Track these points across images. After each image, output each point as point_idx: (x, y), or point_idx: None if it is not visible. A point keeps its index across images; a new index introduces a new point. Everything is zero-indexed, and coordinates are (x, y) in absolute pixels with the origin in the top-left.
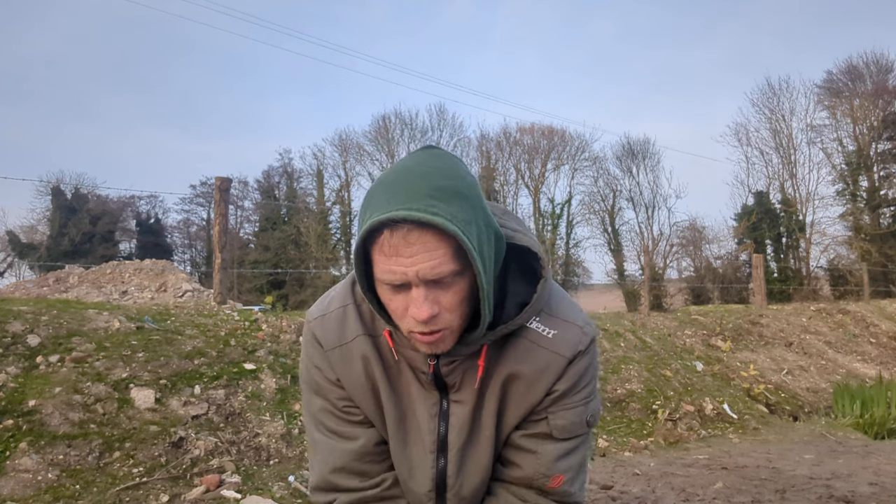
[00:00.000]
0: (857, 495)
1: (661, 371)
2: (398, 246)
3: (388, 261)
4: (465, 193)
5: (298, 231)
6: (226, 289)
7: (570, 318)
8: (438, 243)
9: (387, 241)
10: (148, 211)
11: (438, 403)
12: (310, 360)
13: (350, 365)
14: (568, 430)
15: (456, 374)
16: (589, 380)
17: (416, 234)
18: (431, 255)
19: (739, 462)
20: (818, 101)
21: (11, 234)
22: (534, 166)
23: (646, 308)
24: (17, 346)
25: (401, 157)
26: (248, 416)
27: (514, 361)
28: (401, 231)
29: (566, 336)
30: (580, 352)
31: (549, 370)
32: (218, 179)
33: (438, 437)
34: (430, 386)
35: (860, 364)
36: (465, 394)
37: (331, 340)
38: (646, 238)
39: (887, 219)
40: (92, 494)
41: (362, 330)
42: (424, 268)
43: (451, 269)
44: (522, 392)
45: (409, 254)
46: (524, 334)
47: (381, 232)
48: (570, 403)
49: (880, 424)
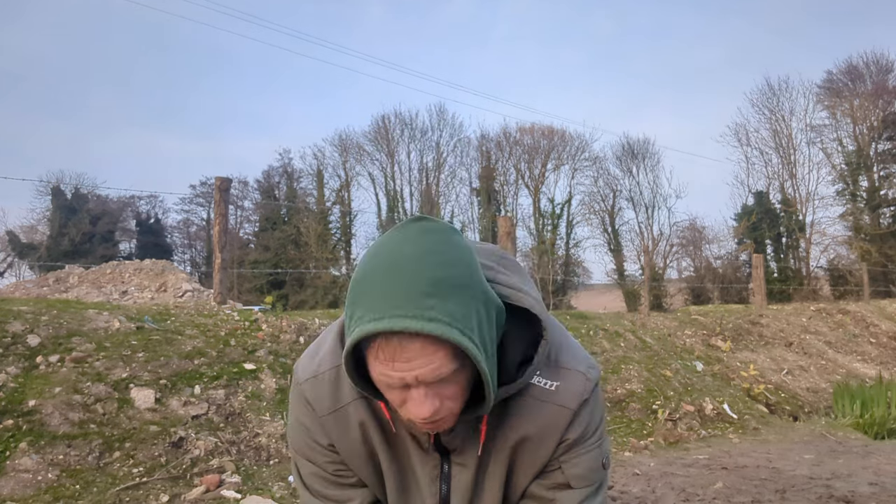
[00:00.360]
0: (857, 495)
1: (661, 371)
2: (394, 352)
3: (385, 367)
4: (464, 282)
5: (298, 231)
6: (226, 289)
7: (572, 366)
8: (437, 346)
9: (381, 348)
10: (148, 211)
11: (439, 466)
12: (300, 423)
13: (346, 431)
14: (585, 478)
15: (457, 440)
16: (598, 423)
17: (414, 344)
18: (430, 360)
19: (739, 462)
20: (818, 101)
21: (11, 234)
22: (534, 166)
23: (646, 308)
24: (17, 346)
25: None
26: (248, 416)
27: (521, 422)
28: (395, 340)
29: (570, 387)
30: (585, 400)
31: (557, 424)
32: (218, 179)
33: (440, 501)
34: (430, 449)
35: (860, 364)
36: (468, 457)
37: (324, 406)
38: (646, 238)
39: (887, 219)
40: (92, 494)
41: (357, 393)
42: (424, 372)
43: (452, 369)
44: (532, 452)
45: (405, 359)
46: (527, 391)
47: (374, 339)
48: (582, 450)
49: (880, 424)
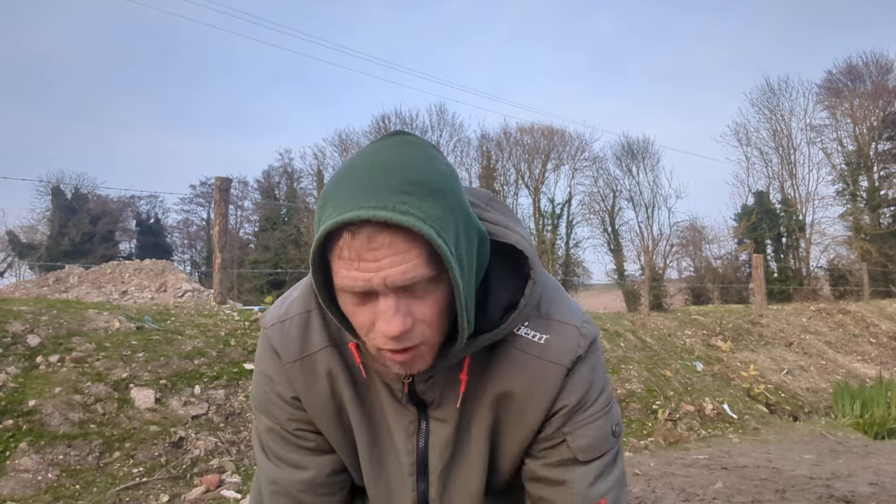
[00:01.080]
0: (857, 495)
1: (661, 371)
2: (360, 250)
3: (349, 266)
4: (442, 188)
5: (298, 231)
6: (226, 289)
7: (565, 319)
8: (409, 245)
9: (347, 244)
10: (148, 211)
11: (416, 421)
12: (262, 373)
13: (313, 380)
14: (594, 449)
15: (434, 391)
16: (601, 387)
17: (383, 237)
18: (401, 259)
19: (739, 462)
20: (818, 101)
21: (11, 234)
22: (534, 166)
23: (646, 308)
24: (17, 346)
25: None
26: (248, 416)
27: (503, 376)
28: (364, 233)
29: (561, 341)
30: (579, 357)
31: (546, 382)
32: (218, 179)
33: (417, 459)
34: (406, 402)
35: (860, 364)
36: (447, 411)
37: (290, 352)
38: (646, 238)
39: (887, 219)
40: (92, 494)
41: (327, 341)
42: (393, 273)
43: (425, 275)
44: (518, 410)
45: (373, 258)
46: (512, 342)
47: (339, 235)
48: (586, 419)
49: (880, 424)
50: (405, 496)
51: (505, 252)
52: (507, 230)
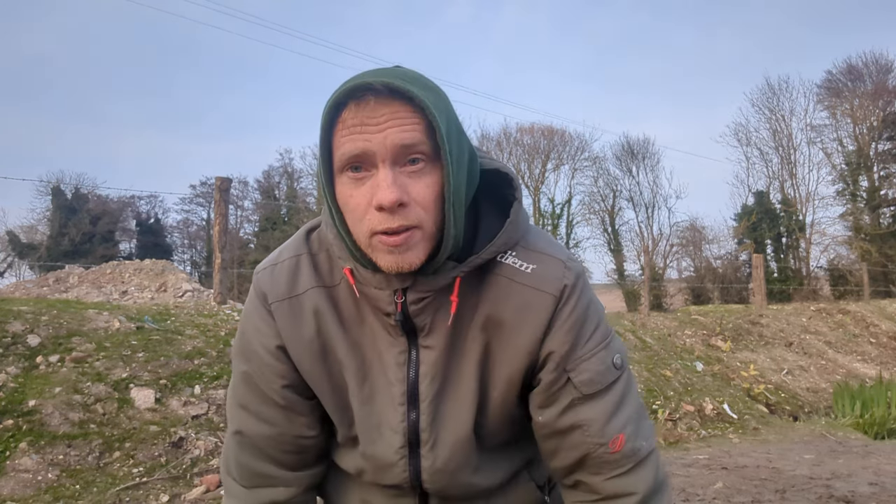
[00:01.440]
0: (857, 495)
1: (661, 371)
2: (364, 116)
3: (352, 132)
4: (438, 91)
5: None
6: (226, 289)
7: (551, 252)
8: (411, 115)
9: (351, 113)
10: (148, 211)
11: (406, 351)
12: (247, 320)
13: (299, 320)
14: (598, 382)
15: (426, 314)
16: (597, 321)
17: (386, 103)
18: (402, 122)
19: (739, 462)
20: (818, 101)
21: (11, 234)
22: (534, 166)
23: (646, 308)
24: (17, 346)
25: None
26: None
27: (493, 302)
28: (368, 100)
29: (547, 271)
30: (567, 287)
31: (534, 309)
32: (218, 179)
33: (408, 388)
34: (396, 331)
35: (860, 364)
36: (436, 338)
37: (279, 292)
38: (646, 238)
39: (887, 219)
40: (92, 494)
41: (317, 282)
42: (393, 132)
43: (423, 143)
44: (507, 336)
45: (375, 122)
46: (500, 271)
47: (346, 106)
48: (586, 353)
49: (880, 424)
50: (395, 427)
51: (491, 188)
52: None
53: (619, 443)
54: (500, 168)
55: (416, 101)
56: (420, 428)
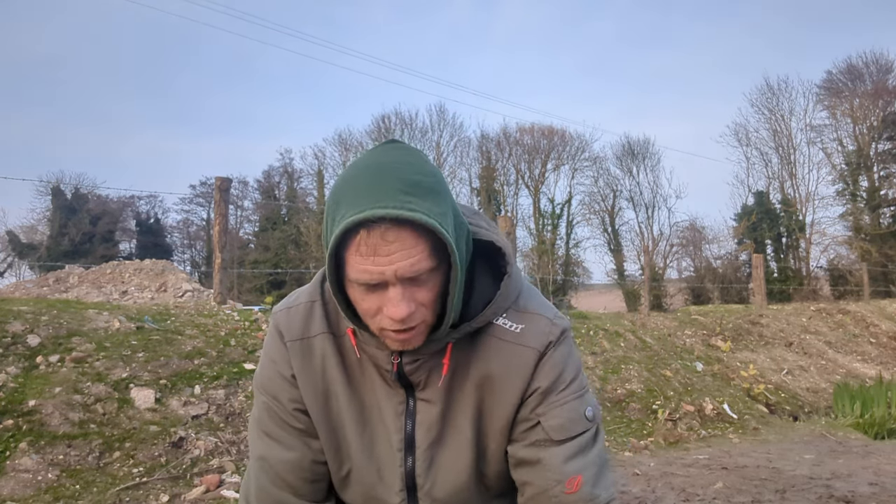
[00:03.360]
0: (857, 495)
1: (661, 371)
2: (376, 245)
3: (365, 261)
4: (438, 189)
5: (298, 231)
6: (226, 289)
7: (538, 311)
8: (416, 240)
9: (363, 241)
10: (148, 211)
11: (405, 402)
12: (267, 355)
13: (309, 361)
14: (567, 430)
15: (421, 373)
16: (574, 373)
17: (394, 233)
18: (410, 253)
19: (739, 462)
20: (818, 101)
21: (11, 234)
22: (534, 166)
23: (646, 308)
24: (17, 346)
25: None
26: (248, 416)
27: (484, 361)
28: (378, 230)
29: (534, 329)
30: (551, 342)
31: (521, 365)
32: (218, 179)
33: (405, 436)
34: (395, 384)
35: (860, 364)
36: (432, 392)
37: (293, 332)
38: (646, 238)
39: (887, 219)
40: (92, 494)
41: (326, 328)
42: (403, 266)
43: (429, 266)
44: (498, 391)
45: (386, 252)
46: (491, 332)
47: (356, 232)
48: (559, 400)
49: (880, 424)
50: (394, 471)
51: (486, 254)
52: (488, 231)
53: (577, 484)
54: (494, 241)
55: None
56: (416, 473)
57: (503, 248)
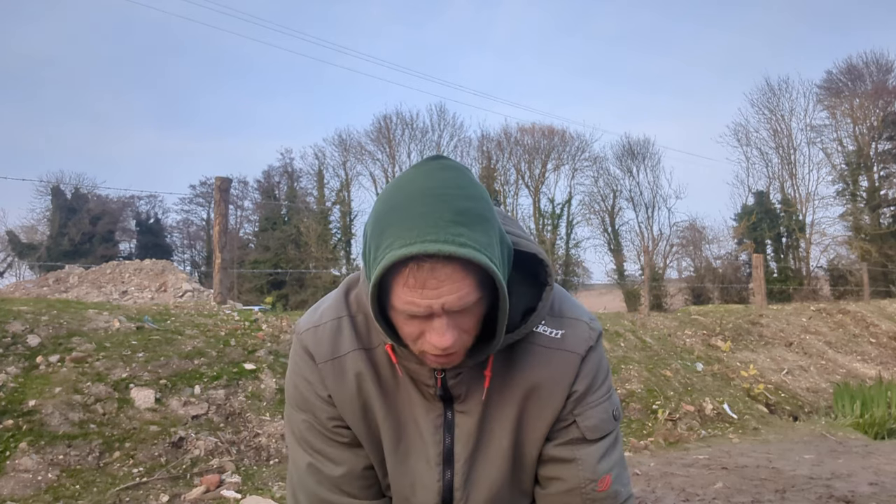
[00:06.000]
0: (857, 495)
1: (661, 371)
2: (425, 279)
3: (413, 293)
4: (487, 216)
5: (298, 231)
6: (226, 289)
7: (576, 316)
8: (464, 274)
9: (413, 274)
10: (148, 211)
11: (443, 415)
12: (298, 374)
13: (342, 381)
14: (600, 429)
15: (462, 386)
16: (605, 374)
17: (443, 268)
18: (458, 287)
19: (739, 462)
20: (818, 101)
21: (11, 234)
22: (534, 166)
23: (646, 308)
24: (17, 346)
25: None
26: (248, 416)
27: (528, 370)
28: (427, 264)
29: (575, 334)
30: (591, 347)
31: (566, 371)
32: (218, 179)
33: (444, 449)
34: (433, 398)
35: (860, 364)
36: (471, 404)
37: (323, 353)
38: (646, 238)
39: (887, 219)
40: (92, 494)
41: (357, 344)
42: (451, 300)
43: (476, 299)
44: (543, 400)
45: (434, 286)
46: (533, 340)
47: (404, 265)
48: (593, 402)
49: (880, 424)
50: (431, 485)
51: (522, 260)
52: (528, 242)
53: (607, 483)
54: (536, 253)
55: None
56: (454, 486)
57: (545, 262)
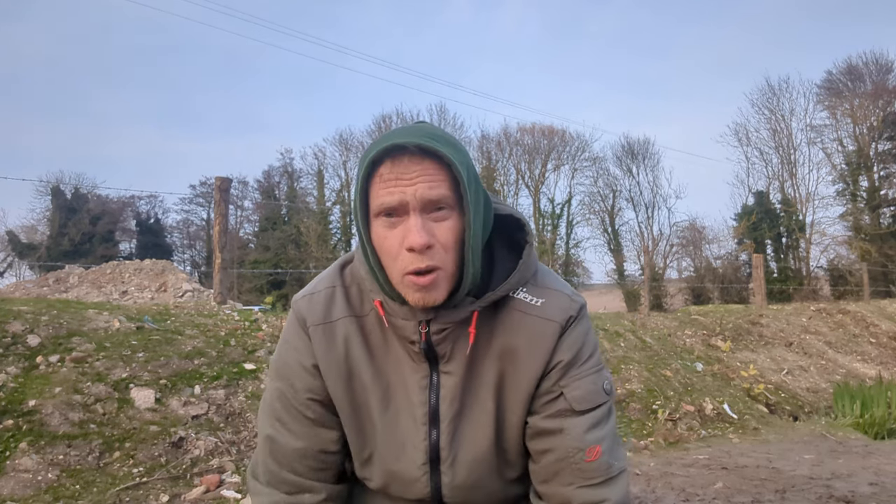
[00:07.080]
0: (857, 495)
1: (661, 371)
2: (399, 171)
3: (388, 185)
4: (458, 146)
5: (298, 231)
6: (226, 289)
7: (557, 287)
8: (438, 170)
9: (389, 168)
10: (148, 211)
11: (428, 376)
12: (286, 342)
13: (332, 344)
14: (588, 400)
15: (447, 343)
16: (592, 348)
17: (418, 161)
18: (431, 178)
19: (739, 462)
20: (818, 101)
21: (11, 234)
22: (534, 166)
23: (646, 308)
24: (17, 346)
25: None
26: (248, 416)
27: (507, 333)
28: (403, 157)
29: (555, 303)
30: (571, 317)
31: (543, 337)
32: (218, 179)
33: (430, 409)
34: (419, 358)
35: (860, 364)
36: (455, 365)
37: (315, 317)
38: (646, 238)
39: (887, 219)
40: (92, 494)
41: (348, 311)
42: (423, 187)
43: (448, 195)
44: (521, 363)
45: (409, 176)
46: (513, 305)
47: (382, 163)
48: (580, 373)
49: (880, 424)
50: (418, 444)
51: (504, 229)
52: (505, 206)
53: (596, 453)
54: (513, 213)
55: (444, 159)
56: (440, 446)
57: (521, 220)
